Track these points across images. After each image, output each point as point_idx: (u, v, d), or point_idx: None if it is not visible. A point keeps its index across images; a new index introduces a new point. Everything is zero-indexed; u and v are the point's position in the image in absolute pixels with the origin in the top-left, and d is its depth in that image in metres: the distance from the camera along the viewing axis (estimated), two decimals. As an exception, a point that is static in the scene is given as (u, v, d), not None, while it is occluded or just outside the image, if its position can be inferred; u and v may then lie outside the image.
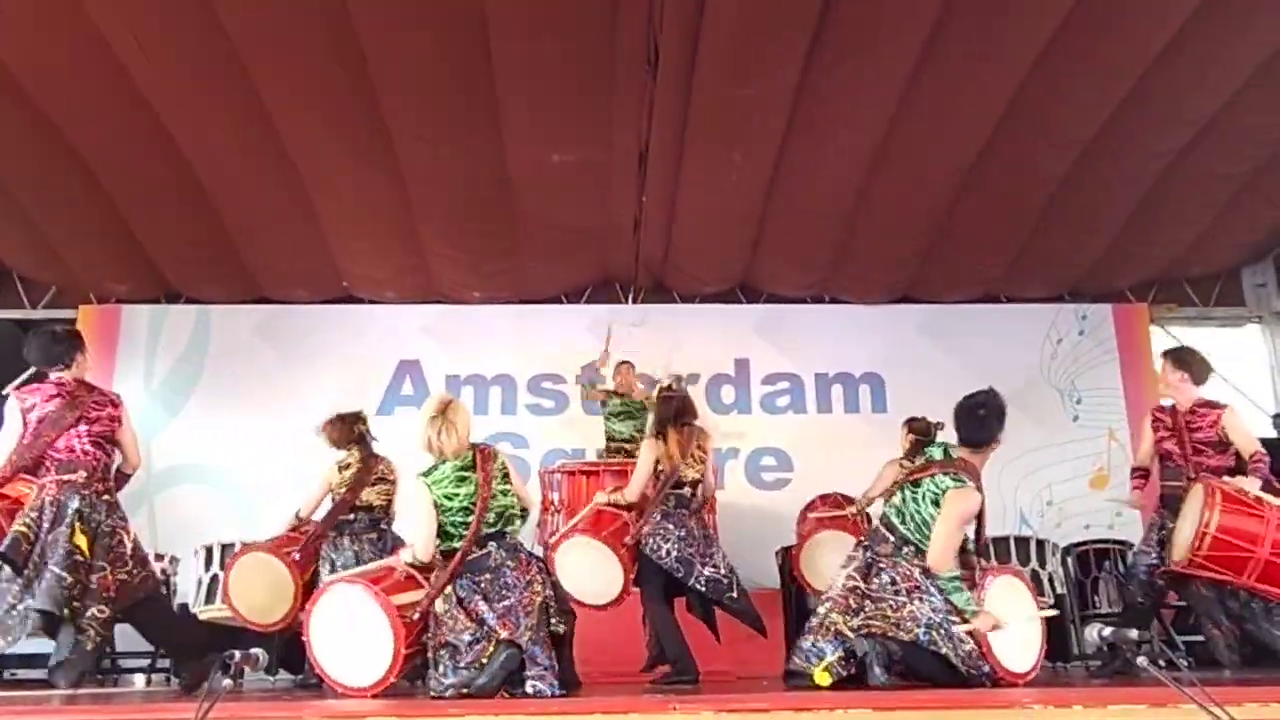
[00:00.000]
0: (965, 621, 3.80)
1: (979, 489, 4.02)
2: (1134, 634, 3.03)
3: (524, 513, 4.15)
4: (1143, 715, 2.61)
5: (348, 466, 5.40)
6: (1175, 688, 2.40)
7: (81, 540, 4.05)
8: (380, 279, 8.41)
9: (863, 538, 4.39)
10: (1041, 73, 6.03)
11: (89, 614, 4.05)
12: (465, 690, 3.62)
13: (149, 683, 6.54)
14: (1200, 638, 6.20)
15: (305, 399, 8.15)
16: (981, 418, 4.03)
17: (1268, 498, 4.34)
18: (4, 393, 8.06)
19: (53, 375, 4.35)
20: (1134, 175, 7.20)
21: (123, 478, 4.51)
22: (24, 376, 8.32)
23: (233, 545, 6.24)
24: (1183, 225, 7.97)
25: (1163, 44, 5.85)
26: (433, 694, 3.70)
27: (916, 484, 4.11)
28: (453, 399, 4.18)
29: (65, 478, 4.14)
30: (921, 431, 6.13)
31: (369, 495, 5.34)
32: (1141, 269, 8.66)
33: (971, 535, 4.32)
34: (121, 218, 7.36)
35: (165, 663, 6.42)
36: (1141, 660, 2.59)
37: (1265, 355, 9.11)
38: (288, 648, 5.69)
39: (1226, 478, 4.50)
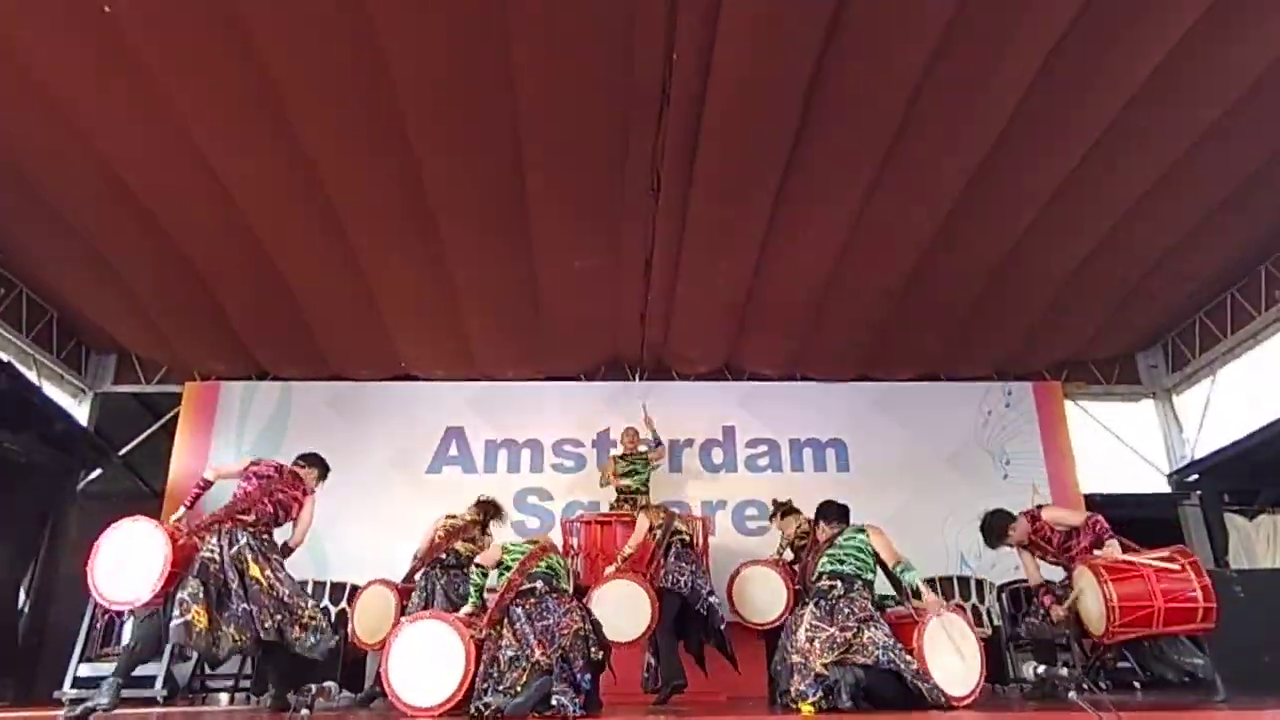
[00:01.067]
0: (914, 603, 4.03)
1: None
2: (1064, 672, 3.00)
3: (568, 576, 4.38)
4: (1070, 737, 2.58)
5: (454, 517, 5.67)
6: (1096, 715, 2.38)
7: (255, 570, 4.19)
8: (431, 360, 8.43)
9: (807, 596, 4.38)
10: (967, 199, 6.15)
11: (293, 634, 4.17)
12: (501, 712, 3.56)
13: (232, 700, 6.39)
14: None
15: (368, 460, 8.14)
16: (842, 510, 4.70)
17: (1132, 558, 4.38)
18: (121, 454, 8.10)
19: (291, 464, 4.71)
20: (1046, 279, 7.27)
21: (286, 550, 4.63)
22: (140, 439, 8.41)
23: (305, 583, 6.19)
24: (1087, 318, 8.02)
25: (1062, 176, 6.01)
26: (472, 713, 3.63)
27: (832, 543, 4.42)
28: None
29: (239, 516, 4.32)
30: (784, 508, 6.29)
31: (460, 545, 5.52)
32: (1054, 353, 8.68)
33: (891, 588, 4.41)
34: (222, 310, 7.43)
35: (246, 682, 6.30)
36: (1071, 694, 2.56)
37: (1158, 424, 9.08)
38: (348, 672, 5.61)
39: (1096, 553, 4.53)
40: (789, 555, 6.06)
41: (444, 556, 5.42)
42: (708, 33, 4.72)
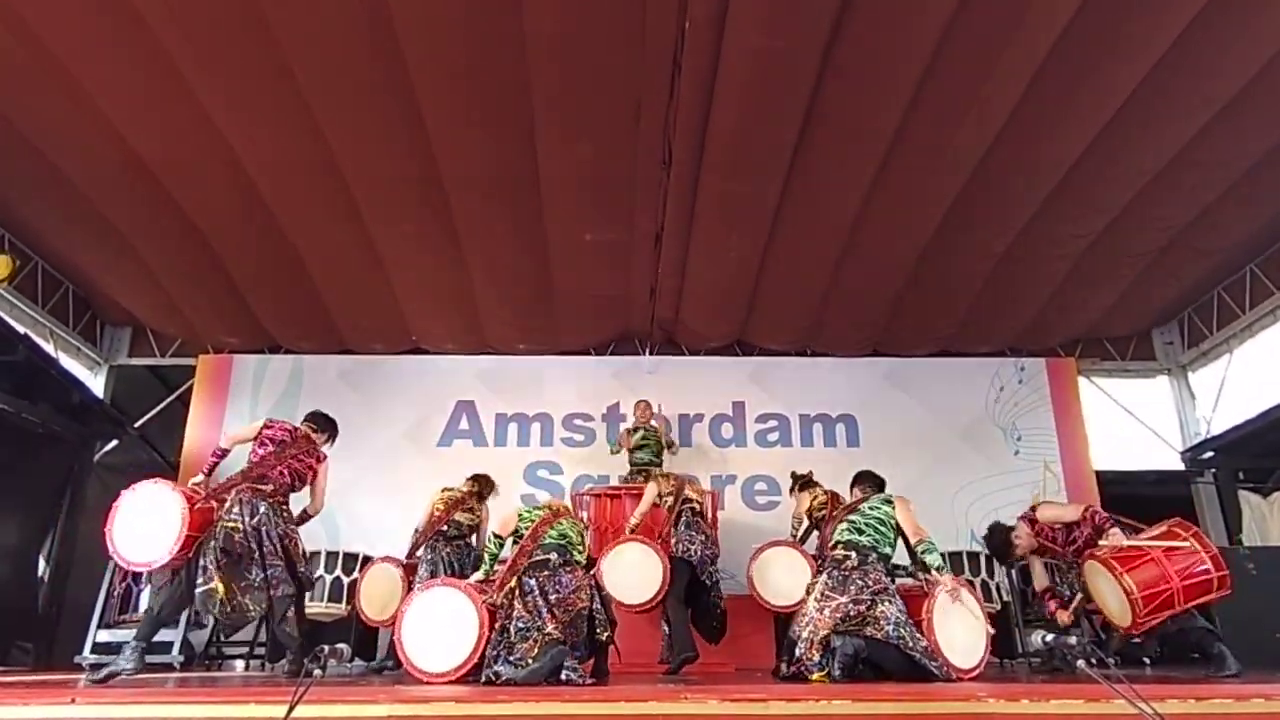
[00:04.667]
0: (928, 576, 3.97)
1: None
2: (1073, 640, 2.98)
3: (582, 541, 4.30)
4: (1080, 708, 2.56)
5: (450, 489, 5.68)
6: (1108, 685, 2.36)
7: (271, 542, 4.18)
8: (443, 335, 8.45)
9: (821, 564, 4.35)
10: (982, 173, 6.07)
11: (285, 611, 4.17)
12: (513, 682, 3.57)
13: (247, 667, 6.48)
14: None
15: (380, 433, 8.20)
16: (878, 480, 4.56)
17: (1139, 542, 4.32)
18: (137, 425, 8.17)
19: (303, 426, 4.66)
20: (1059, 254, 7.18)
21: (305, 517, 4.62)
22: (159, 408, 8.49)
23: (318, 554, 6.25)
24: (1101, 294, 7.92)
25: (1078, 151, 5.90)
26: (484, 680, 3.65)
27: (856, 509, 4.28)
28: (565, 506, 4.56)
29: (256, 486, 4.27)
30: (803, 481, 6.24)
31: (460, 516, 5.56)
32: (1068, 329, 8.60)
33: (908, 560, 4.36)
34: (235, 284, 7.47)
35: (261, 650, 6.38)
36: (1080, 663, 2.54)
37: (1173, 401, 8.99)
38: (360, 640, 5.68)
39: (1101, 543, 4.43)
40: (804, 527, 6.02)
41: (445, 529, 5.46)
42: (720, 1, 4.65)
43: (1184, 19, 4.83)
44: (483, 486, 5.77)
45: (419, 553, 5.48)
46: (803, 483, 6.19)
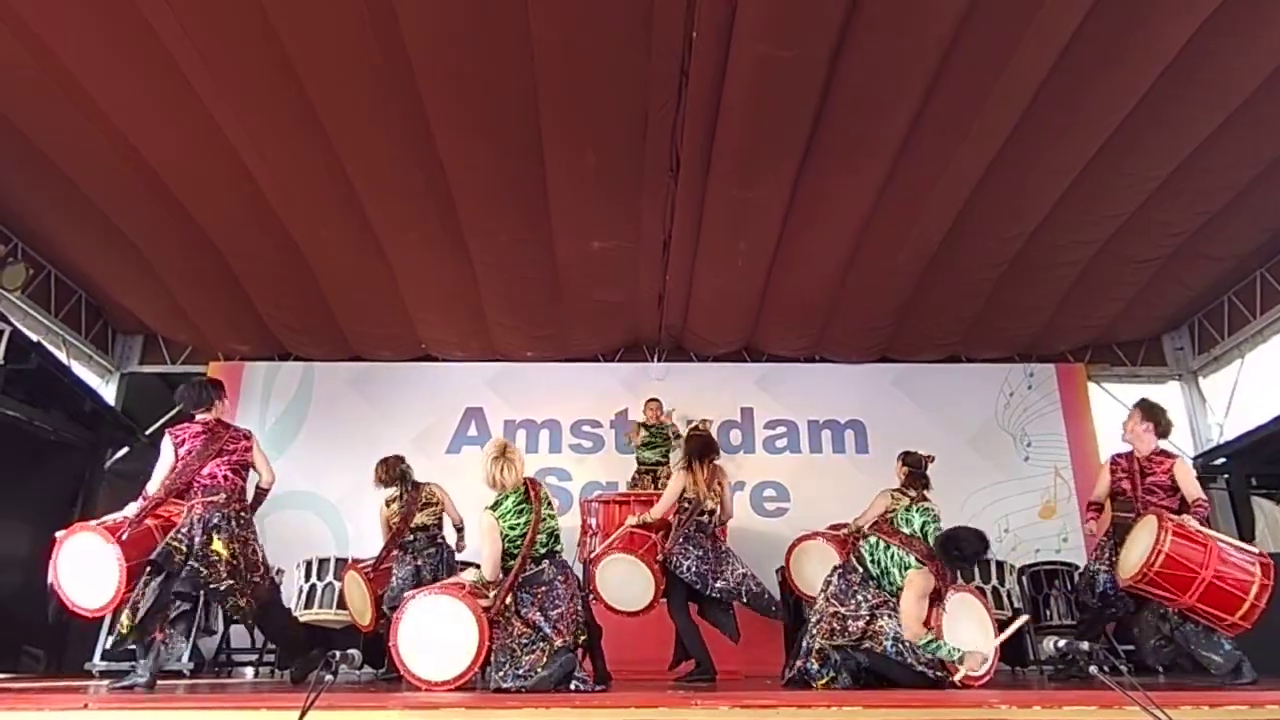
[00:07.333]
0: (956, 669, 3.61)
1: (933, 573, 3.86)
2: (1085, 645, 2.96)
3: (558, 529, 4.08)
4: (1093, 715, 2.55)
5: (395, 499, 5.41)
6: (1122, 692, 2.35)
7: (219, 546, 4.09)
8: (451, 342, 8.46)
9: (838, 565, 4.28)
10: (989, 179, 6.06)
11: (230, 604, 4.13)
12: (523, 690, 3.55)
13: (256, 674, 6.49)
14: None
15: (390, 439, 8.14)
16: (954, 558, 3.83)
17: (1208, 531, 4.22)
18: (148, 433, 8.20)
19: (199, 416, 4.39)
20: (1067, 260, 7.15)
21: (262, 493, 4.52)
22: (169, 416, 8.52)
23: (328, 560, 6.26)
24: (1109, 300, 7.89)
25: (1086, 157, 5.89)
26: (493, 688, 3.64)
27: (888, 532, 4.08)
28: (509, 442, 4.10)
29: (209, 499, 4.18)
30: (914, 464, 5.69)
31: (420, 518, 5.35)
32: (1078, 335, 8.56)
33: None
34: (245, 292, 7.51)
35: (270, 656, 6.38)
36: (1093, 669, 2.52)
37: (1184, 407, 8.91)
38: (369, 646, 5.67)
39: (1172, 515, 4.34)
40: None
41: (412, 540, 5.29)
42: (727, 9, 4.66)
43: (1191, 26, 4.82)
44: (404, 477, 5.40)
45: (394, 557, 5.35)
46: (911, 470, 5.53)
